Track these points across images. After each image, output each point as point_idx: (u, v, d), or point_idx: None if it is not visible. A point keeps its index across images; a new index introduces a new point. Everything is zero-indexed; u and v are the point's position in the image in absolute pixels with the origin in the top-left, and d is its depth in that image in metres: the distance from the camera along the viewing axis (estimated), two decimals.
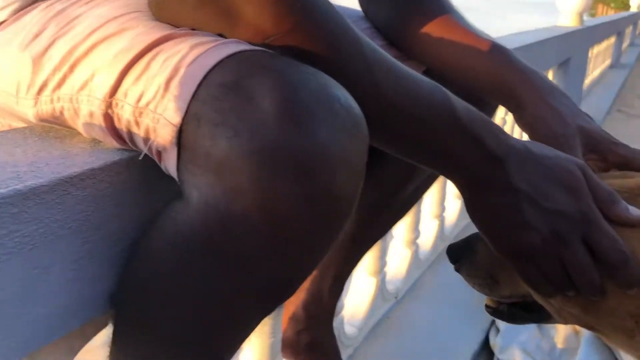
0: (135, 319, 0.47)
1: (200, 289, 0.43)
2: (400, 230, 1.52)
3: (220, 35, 0.48)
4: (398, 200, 1.00)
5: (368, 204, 1.00)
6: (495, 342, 1.35)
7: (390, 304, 1.45)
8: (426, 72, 0.84)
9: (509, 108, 0.73)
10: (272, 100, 0.40)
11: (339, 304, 1.10)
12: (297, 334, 1.01)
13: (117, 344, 0.49)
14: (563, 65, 3.20)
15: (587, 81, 4.36)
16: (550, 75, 3.01)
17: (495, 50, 0.74)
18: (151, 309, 0.45)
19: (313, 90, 0.42)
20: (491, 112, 0.98)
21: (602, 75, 5.45)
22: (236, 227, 0.40)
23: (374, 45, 0.52)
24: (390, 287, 1.44)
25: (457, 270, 0.68)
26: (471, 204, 0.58)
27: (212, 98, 0.42)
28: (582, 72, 3.81)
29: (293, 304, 1.01)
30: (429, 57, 0.79)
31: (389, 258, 1.47)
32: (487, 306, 0.69)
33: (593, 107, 4.10)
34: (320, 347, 1.01)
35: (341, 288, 1.04)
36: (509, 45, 2.18)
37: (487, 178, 0.55)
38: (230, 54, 0.44)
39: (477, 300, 0.59)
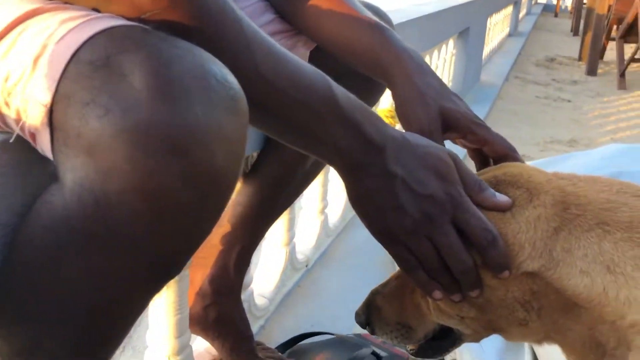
0: (16, 307, 0.46)
1: (80, 273, 0.42)
2: (309, 200, 1.55)
3: (95, 9, 0.46)
4: (300, 173, 1.02)
5: (270, 179, 1.01)
6: None
7: (301, 273, 1.48)
8: (317, 49, 0.86)
9: (388, 86, 0.76)
10: (144, 76, 0.40)
11: (247, 277, 1.11)
12: (205, 309, 1.01)
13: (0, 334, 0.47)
14: (463, 34, 3.32)
15: (487, 49, 4.54)
16: (450, 44, 3.12)
17: (374, 28, 0.76)
18: (32, 298, 0.44)
19: (187, 66, 0.42)
20: (380, 91, 1.01)
21: (501, 44, 5.69)
22: (112, 208, 0.40)
23: (256, 27, 0.52)
24: (300, 256, 1.46)
25: (372, 333, 0.70)
26: (350, 188, 0.60)
27: (82, 76, 0.40)
28: (481, 41, 3.96)
29: (199, 279, 1.01)
30: (315, 32, 0.80)
31: (298, 228, 1.49)
32: (410, 351, 0.72)
33: (492, 74, 4.28)
34: (229, 321, 1.02)
35: (248, 262, 1.05)
36: (409, 15, 2.23)
37: (365, 164, 0.58)
38: (102, 30, 0.42)
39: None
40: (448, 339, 0.68)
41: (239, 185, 1.04)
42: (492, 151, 0.71)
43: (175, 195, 0.40)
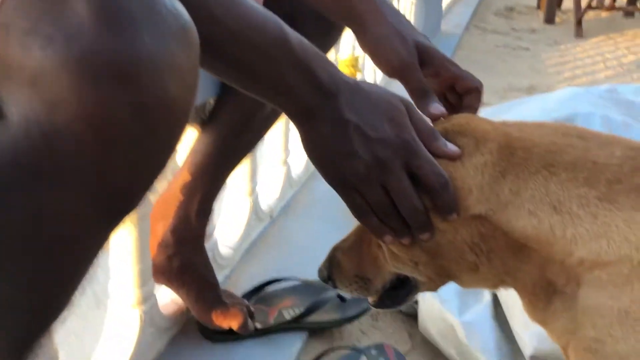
0: None
1: (29, 214, 0.41)
2: (272, 150, 1.54)
3: None
4: (258, 118, 1.00)
5: (228, 125, 1.00)
6: None
7: (266, 223, 1.48)
8: None
9: (352, 29, 0.75)
10: (89, 3, 0.38)
11: (210, 226, 1.10)
12: (168, 259, 1.00)
13: None
14: None
15: None
16: None
17: None
18: None
19: None
20: (338, 34, 1.00)
21: None
22: (61, 141, 0.38)
23: None
24: (264, 206, 1.46)
25: (334, 287, 0.71)
26: (303, 136, 0.60)
27: (22, 3, 0.38)
28: None
29: (160, 230, 1.01)
30: None
31: (261, 179, 1.49)
32: (372, 304, 0.73)
33: (452, 24, 4.27)
34: (193, 270, 1.02)
35: (209, 210, 1.04)
36: None
37: (318, 110, 0.57)
38: None
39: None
40: (404, 288, 0.70)
41: (197, 134, 1.03)
42: (463, 87, 0.72)
43: (124, 126, 0.39)
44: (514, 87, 3.12)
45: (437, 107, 0.67)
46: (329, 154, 0.59)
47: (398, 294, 0.70)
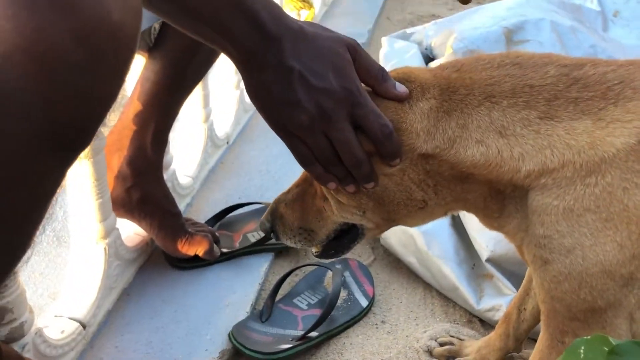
0: None
1: None
2: (224, 74, 1.51)
3: None
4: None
5: (176, 50, 0.97)
6: None
7: (223, 149, 1.47)
8: None
9: None
10: None
11: (167, 157, 1.09)
12: (127, 191, 0.99)
13: None
14: None
15: None
16: None
17: None
18: None
19: None
20: None
21: None
22: (1, 74, 0.36)
23: None
24: (220, 133, 1.45)
25: (277, 239, 0.72)
26: (247, 81, 0.59)
27: None
28: None
29: (116, 163, 0.99)
30: None
31: (215, 104, 1.46)
32: (315, 254, 0.74)
33: None
34: (153, 200, 1.01)
35: (164, 140, 1.03)
36: None
37: (261, 55, 0.56)
38: None
39: None
40: (349, 236, 0.71)
41: (144, 61, 0.99)
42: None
43: (66, 54, 0.37)
44: None
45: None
46: (272, 101, 0.58)
47: (342, 243, 0.72)
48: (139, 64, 1.00)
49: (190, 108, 1.29)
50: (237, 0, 0.55)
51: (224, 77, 1.51)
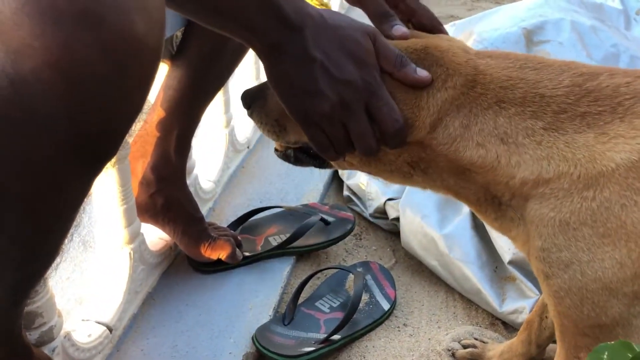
0: None
1: (5, 163, 0.41)
2: (244, 80, 1.52)
3: None
4: (229, 48, 0.99)
5: (198, 57, 0.98)
6: (343, 171, 1.45)
7: (244, 154, 1.48)
8: None
9: None
10: None
11: (189, 163, 1.10)
12: (151, 197, 1.01)
13: None
14: None
15: None
16: None
17: None
18: None
19: None
20: None
21: None
22: (29, 88, 0.38)
23: None
24: (241, 138, 1.46)
25: (249, 115, 0.71)
26: (269, 71, 0.60)
27: None
28: None
29: (140, 169, 1.00)
30: None
31: (236, 110, 1.48)
32: (275, 150, 0.74)
33: None
34: (177, 205, 1.03)
35: (188, 146, 1.04)
36: None
37: (284, 45, 0.57)
38: None
39: None
40: (317, 159, 0.72)
41: (167, 68, 1.01)
42: (419, 23, 0.72)
43: (92, 67, 0.38)
44: None
45: (399, 29, 0.67)
46: (295, 90, 0.60)
47: (304, 158, 0.72)
48: (162, 71, 1.02)
49: (212, 113, 1.31)
50: None
51: (245, 83, 1.52)
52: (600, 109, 0.59)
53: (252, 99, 0.71)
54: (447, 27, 1.66)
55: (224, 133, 1.35)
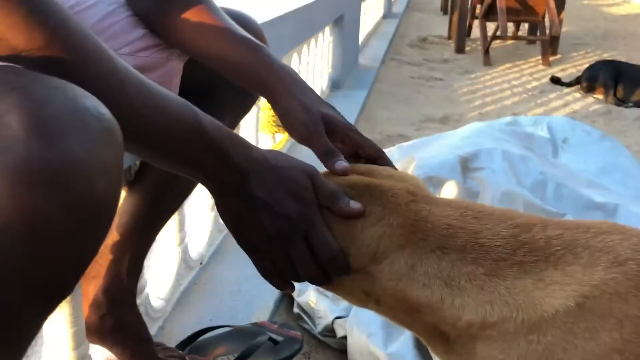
0: None
1: None
2: (199, 197, 1.58)
3: None
4: (183, 178, 1.05)
5: (155, 185, 1.04)
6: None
7: (196, 270, 1.51)
8: (190, 60, 0.90)
9: (266, 99, 0.83)
10: (20, 117, 0.43)
11: (141, 283, 1.13)
12: (101, 319, 1.03)
13: None
14: (338, 22, 3.43)
15: (363, 33, 4.71)
16: (327, 33, 3.22)
17: (250, 46, 0.82)
18: None
19: (62, 104, 0.45)
20: (252, 101, 1.07)
21: (376, 26, 5.92)
22: (1, 242, 0.43)
23: (126, 64, 0.57)
24: (194, 254, 1.50)
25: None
26: (218, 206, 0.68)
27: None
28: (357, 26, 4.12)
29: (92, 291, 1.03)
30: (188, 46, 0.85)
31: (190, 227, 1.52)
32: None
33: (369, 58, 4.46)
34: (126, 327, 1.04)
35: (140, 268, 1.08)
36: (283, 9, 2.26)
37: (231, 186, 0.65)
38: None
39: None
40: None
41: (124, 194, 1.06)
42: (365, 154, 0.80)
43: (57, 225, 0.43)
44: (429, 117, 3.29)
45: (341, 164, 0.74)
46: (239, 223, 0.67)
47: None
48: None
49: (166, 231, 1.35)
50: (208, 143, 0.62)
51: (199, 199, 1.58)
52: (536, 258, 0.64)
53: None
54: (394, 148, 1.79)
55: (177, 251, 1.39)
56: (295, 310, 1.43)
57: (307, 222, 0.66)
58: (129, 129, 0.54)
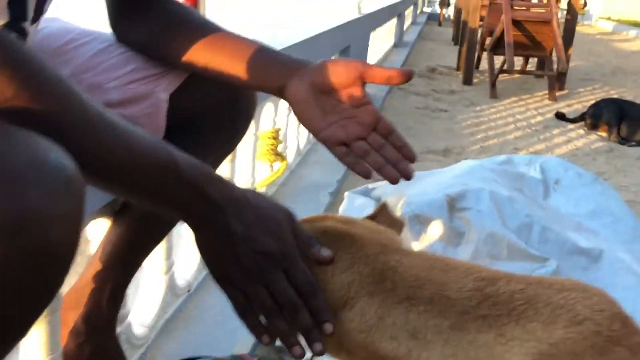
0: None
1: None
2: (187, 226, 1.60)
3: None
4: None
5: (140, 215, 1.06)
6: None
7: (183, 298, 1.53)
8: (190, 76, 0.93)
9: (275, 94, 0.87)
10: None
11: (124, 311, 1.15)
12: (79, 347, 1.04)
13: None
14: (344, 52, 3.48)
15: (371, 62, 4.76)
16: None
17: (252, 46, 0.87)
18: None
19: (22, 158, 0.48)
20: (245, 126, 1.10)
21: (386, 55, 5.98)
22: None
23: (99, 106, 0.59)
24: (181, 282, 1.51)
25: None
26: (195, 238, 0.70)
27: None
28: (364, 56, 4.17)
29: (71, 319, 1.04)
30: (192, 64, 0.89)
31: (178, 254, 1.55)
32: None
33: (376, 87, 4.50)
34: (104, 355, 1.06)
35: (122, 297, 1.09)
36: (288, 41, 2.30)
37: (209, 222, 0.67)
38: None
39: None
40: None
41: (109, 224, 1.09)
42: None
43: (12, 273, 0.46)
44: (431, 149, 3.31)
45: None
46: (216, 258, 0.69)
47: None
48: (104, 227, 1.10)
49: (153, 259, 1.37)
50: (184, 181, 0.64)
51: (187, 228, 1.60)
52: (499, 312, 0.66)
53: None
54: (386, 182, 1.81)
55: (163, 279, 1.41)
56: (278, 343, 1.43)
57: (287, 260, 0.68)
58: (100, 170, 0.57)
